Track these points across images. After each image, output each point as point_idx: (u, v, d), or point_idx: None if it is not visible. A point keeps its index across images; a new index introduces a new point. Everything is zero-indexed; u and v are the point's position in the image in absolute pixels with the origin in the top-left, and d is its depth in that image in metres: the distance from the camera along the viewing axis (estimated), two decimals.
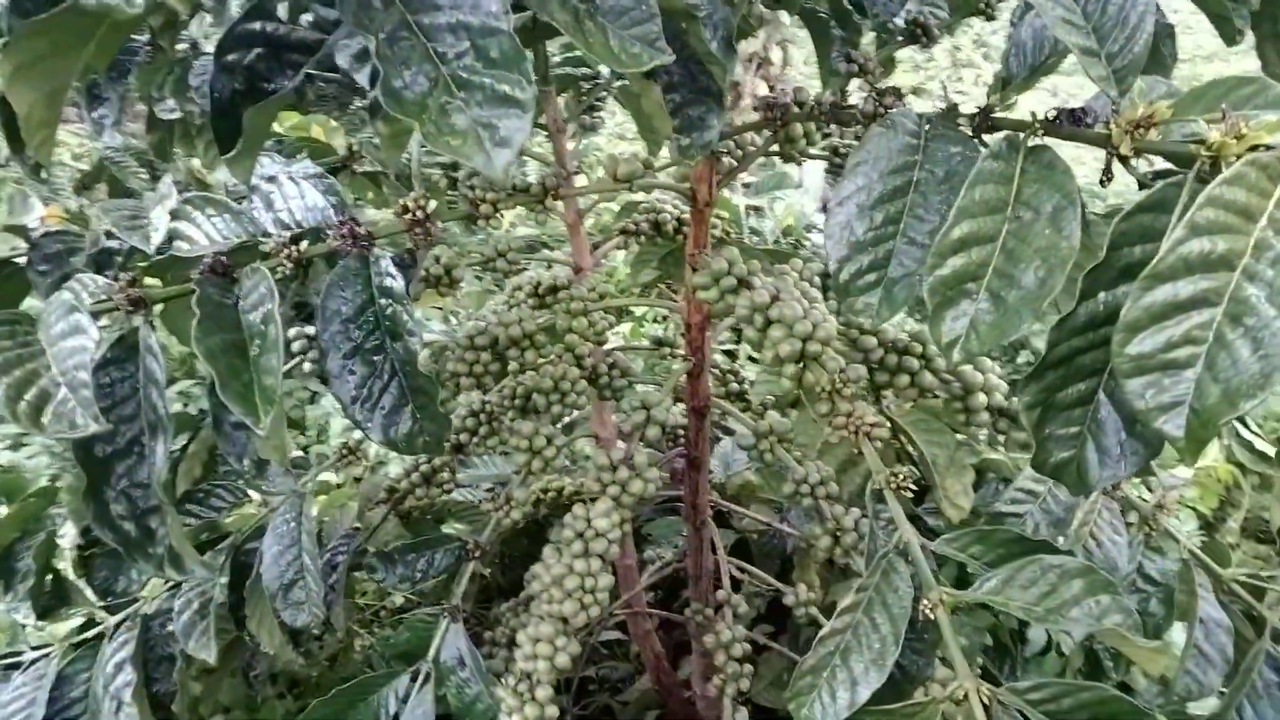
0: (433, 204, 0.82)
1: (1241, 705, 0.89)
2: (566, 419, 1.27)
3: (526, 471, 1.11)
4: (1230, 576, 0.94)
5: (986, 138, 0.65)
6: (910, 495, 1.72)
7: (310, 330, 1.01)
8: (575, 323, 1.10)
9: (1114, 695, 0.61)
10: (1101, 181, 0.57)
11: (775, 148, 1.01)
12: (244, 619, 1.12)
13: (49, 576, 1.15)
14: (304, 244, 0.76)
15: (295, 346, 0.98)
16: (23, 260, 0.96)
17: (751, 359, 2.27)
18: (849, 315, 0.69)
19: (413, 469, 1.40)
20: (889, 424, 1.61)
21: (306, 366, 0.97)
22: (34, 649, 1.09)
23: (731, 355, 2.32)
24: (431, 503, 1.52)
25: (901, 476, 0.75)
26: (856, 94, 0.82)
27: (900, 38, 0.96)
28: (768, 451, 1.11)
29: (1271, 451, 1.93)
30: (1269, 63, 0.79)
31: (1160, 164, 0.59)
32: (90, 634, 1.09)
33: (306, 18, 0.68)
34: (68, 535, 1.16)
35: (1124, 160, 0.57)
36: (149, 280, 0.75)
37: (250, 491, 1.16)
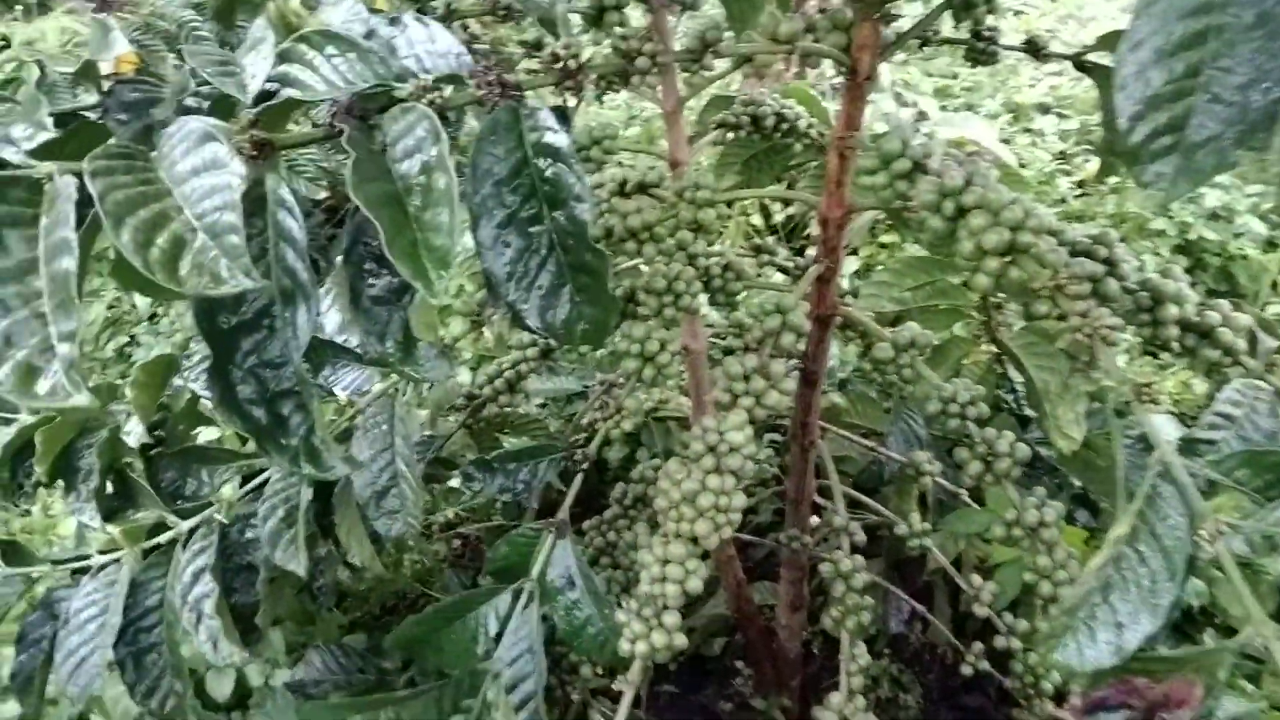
0: (588, 52, 0.69)
1: None
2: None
3: (636, 379, 1.00)
4: None
5: None
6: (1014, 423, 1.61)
7: None
8: (701, 215, 0.98)
9: None
10: None
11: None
12: (330, 527, 1.03)
13: (112, 477, 1.05)
14: (449, 90, 0.64)
15: None
16: (92, 115, 0.83)
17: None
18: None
19: (496, 375, 1.29)
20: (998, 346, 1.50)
21: None
22: (101, 553, 1.00)
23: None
24: (508, 413, 1.43)
25: (1154, 388, 0.64)
26: None
27: None
28: (907, 366, 1.00)
29: None
30: None
31: None
32: (162, 539, 0.99)
33: None
34: (134, 433, 1.06)
35: None
36: None
37: (334, 390, 1.05)
